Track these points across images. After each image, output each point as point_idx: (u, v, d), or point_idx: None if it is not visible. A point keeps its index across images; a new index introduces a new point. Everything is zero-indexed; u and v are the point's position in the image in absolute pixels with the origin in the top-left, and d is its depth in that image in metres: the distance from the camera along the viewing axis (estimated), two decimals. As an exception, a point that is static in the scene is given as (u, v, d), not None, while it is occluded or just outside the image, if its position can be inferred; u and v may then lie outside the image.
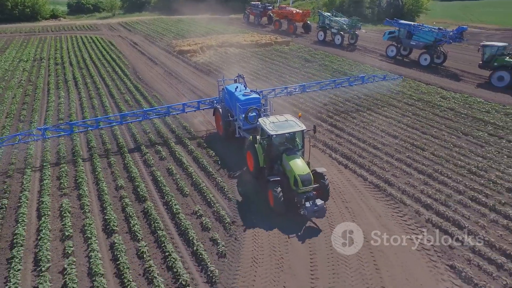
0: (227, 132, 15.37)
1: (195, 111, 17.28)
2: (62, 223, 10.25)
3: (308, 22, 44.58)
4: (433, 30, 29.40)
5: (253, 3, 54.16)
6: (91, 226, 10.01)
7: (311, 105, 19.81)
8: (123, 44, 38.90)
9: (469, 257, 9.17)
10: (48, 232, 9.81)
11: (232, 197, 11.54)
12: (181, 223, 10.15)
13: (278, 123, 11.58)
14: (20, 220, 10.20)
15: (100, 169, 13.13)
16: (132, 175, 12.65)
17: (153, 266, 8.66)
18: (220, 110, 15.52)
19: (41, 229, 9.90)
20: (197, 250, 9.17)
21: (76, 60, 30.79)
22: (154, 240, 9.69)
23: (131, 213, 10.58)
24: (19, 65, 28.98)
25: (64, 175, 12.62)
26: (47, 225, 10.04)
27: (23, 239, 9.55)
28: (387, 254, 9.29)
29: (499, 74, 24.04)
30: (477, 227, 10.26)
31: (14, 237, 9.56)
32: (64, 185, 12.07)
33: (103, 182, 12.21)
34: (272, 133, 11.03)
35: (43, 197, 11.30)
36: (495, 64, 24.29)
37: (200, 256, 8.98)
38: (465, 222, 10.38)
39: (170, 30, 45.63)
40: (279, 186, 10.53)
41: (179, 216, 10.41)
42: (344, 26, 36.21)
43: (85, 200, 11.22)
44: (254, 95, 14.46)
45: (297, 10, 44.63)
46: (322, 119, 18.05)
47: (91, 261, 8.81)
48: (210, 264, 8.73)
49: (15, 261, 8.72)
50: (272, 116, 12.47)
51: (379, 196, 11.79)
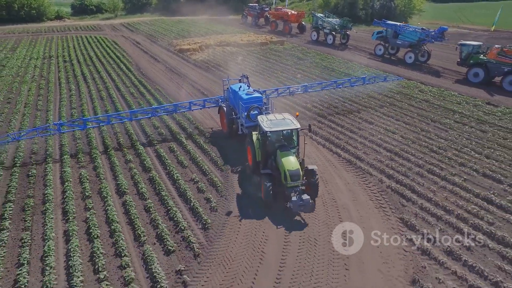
0: (231, 129, 16.01)
1: (201, 109, 18.04)
2: (82, 187, 12.32)
3: (303, 23, 46.68)
4: (417, 30, 31.51)
5: (251, 4, 56.36)
6: (106, 188, 12.11)
7: (305, 100, 21.86)
8: (126, 43, 40.96)
9: (416, 212, 11.22)
10: (71, 193, 11.87)
11: (224, 168, 13.60)
12: (180, 187, 12.23)
13: (275, 121, 12.06)
14: (47, 184, 12.28)
15: (111, 147, 15.19)
16: (139, 152, 14.73)
17: (158, 217, 10.72)
18: (225, 108, 16.14)
19: (65, 190, 11.97)
20: (193, 205, 11.25)
21: (83, 58, 32.85)
22: (158, 199, 11.76)
23: (138, 180, 12.67)
24: (30, 62, 31.04)
25: (80, 152, 14.69)
26: (70, 188, 12.11)
27: (52, 197, 11.61)
28: (350, 211, 11.34)
29: (475, 70, 26.06)
30: (428, 191, 12.30)
31: (45, 196, 11.65)
32: (81, 159, 14.14)
33: (114, 157, 14.28)
34: (267, 129, 11.60)
35: (64, 168, 13.37)
36: (471, 61, 26.29)
37: (196, 210, 11.05)
38: (419, 188, 12.43)
39: (171, 30, 47.69)
40: (270, 179, 11.14)
41: (179, 182, 12.50)
42: (336, 26, 38.29)
43: (100, 170, 13.30)
44: (256, 94, 15.03)
45: (292, 12, 46.73)
46: (307, 108, 20.08)
47: (108, 212, 10.89)
48: (204, 215, 10.79)
49: (48, 212, 10.81)
50: (271, 114, 13.00)
51: (350, 169, 13.85)
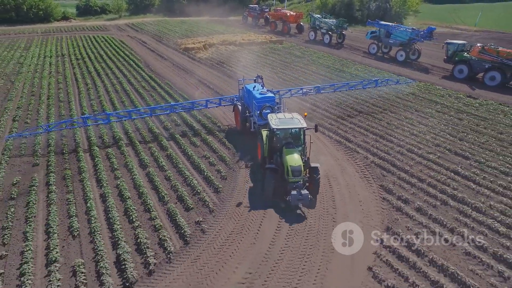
0: (244, 127, 16.72)
1: (216, 107, 18.82)
2: (110, 162, 14.41)
3: (301, 23, 48.86)
4: (408, 30, 33.72)
5: (251, 5, 58.51)
6: (132, 162, 14.22)
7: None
8: (133, 42, 43.04)
9: (394, 181, 13.34)
10: (101, 166, 13.97)
11: (231, 146, 15.71)
12: (194, 161, 14.36)
13: (283, 119, 12.64)
14: (80, 160, 14.42)
15: (131, 131, 17.27)
16: (156, 135, 16.82)
17: (177, 184, 12.83)
18: (239, 106, 16.97)
19: (96, 164, 14.07)
20: (206, 175, 13.38)
21: (93, 55, 34.92)
22: (176, 171, 13.86)
23: (158, 156, 14.77)
24: (45, 60, 33.11)
25: (105, 135, 16.79)
26: (99, 162, 14.22)
27: (86, 169, 13.72)
28: (338, 179, 13.46)
29: (459, 67, 28.24)
30: (405, 165, 14.41)
31: (80, 168, 13.76)
32: (106, 140, 16.24)
33: (134, 139, 16.37)
34: (275, 127, 12.27)
35: (92, 147, 15.48)
36: (456, 59, 28.47)
37: (209, 178, 13.18)
38: (398, 163, 14.56)
39: (175, 31, 49.77)
40: (273, 174, 11.85)
41: (193, 157, 14.63)
42: (332, 26, 40.50)
43: (123, 149, 15.40)
44: (269, 94, 15.71)
45: (291, 13, 48.95)
46: (304, 99, 22.19)
47: (134, 180, 13.00)
48: (216, 182, 12.90)
49: (84, 180, 12.93)
50: (281, 113, 13.59)
51: (340, 148, 15.98)
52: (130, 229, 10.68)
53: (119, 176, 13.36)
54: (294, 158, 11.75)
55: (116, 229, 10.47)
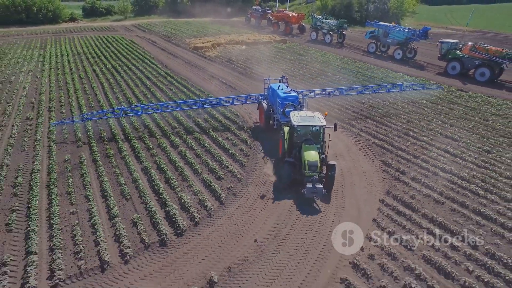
0: (267, 124, 17.38)
1: (242, 104, 19.79)
2: (145, 143, 16.50)
3: (303, 24, 51.09)
4: (405, 30, 36.03)
5: (254, 7, 60.71)
6: (164, 143, 16.30)
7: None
8: (143, 42, 45.05)
9: (393, 157, 15.52)
10: (138, 146, 16.09)
11: (249, 130, 17.83)
12: (219, 142, 16.50)
13: (304, 117, 13.23)
14: (118, 141, 16.56)
15: (159, 120, 19.35)
16: (182, 121, 18.93)
17: (207, 159, 14.95)
18: (264, 104, 17.65)
19: (133, 145, 16.21)
20: (232, 153, 15.52)
21: (108, 54, 36.93)
22: (204, 150, 15.98)
23: (186, 139, 16.89)
24: (63, 58, 35.12)
25: (135, 122, 18.88)
26: (136, 143, 16.33)
27: (125, 149, 15.91)
28: (344, 156, 15.61)
29: (452, 64, 30.52)
30: (402, 145, 16.59)
31: (119, 148, 16.00)
32: (138, 127, 18.33)
33: (163, 125, 18.47)
34: (295, 124, 12.97)
35: (127, 132, 17.58)
36: (449, 56, 30.76)
37: (234, 155, 15.33)
38: (396, 143, 16.75)
39: (181, 31, 51.84)
40: (291, 167, 12.67)
41: (218, 139, 16.76)
42: (333, 27, 42.75)
43: (155, 133, 17.50)
44: (292, 94, 16.46)
45: (293, 14, 51.16)
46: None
47: (170, 157, 15.11)
48: (240, 158, 15.03)
49: (126, 157, 15.15)
50: (303, 111, 14.34)
51: (345, 132, 18.14)
52: (173, 194, 12.76)
53: (155, 154, 15.46)
54: (311, 154, 12.42)
55: (161, 193, 12.57)
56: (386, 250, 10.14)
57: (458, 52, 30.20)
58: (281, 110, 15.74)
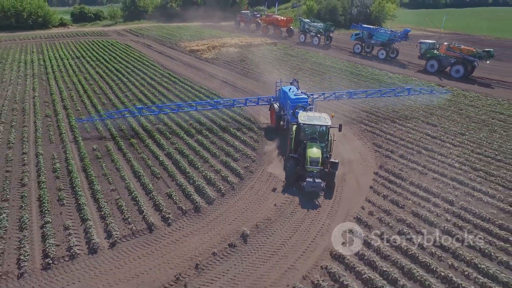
0: (278, 124, 18.29)
1: (254, 105, 20.54)
2: (163, 134, 18.36)
3: (291, 27, 53.73)
4: (387, 32, 39.07)
5: (243, 11, 63.07)
6: (181, 133, 18.20)
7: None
8: (138, 46, 46.47)
9: (383, 140, 17.95)
10: (158, 136, 17.92)
11: (257, 122, 19.94)
12: (230, 131, 18.56)
13: (311, 117, 13.97)
14: (139, 133, 18.32)
15: (174, 116, 21.20)
16: (194, 116, 20.85)
17: (223, 145, 16.96)
18: (275, 105, 18.47)
19: (153, 135, 18.02)
20: (243, 139, 17.60)
21: (107, 57, 38.31)
22: (218, 138, 17.93)
23: (200, 129, 18.86)
24: (64, 62, 36.31)
25: (152, 119, 20.69)
26: (155, 134, 18.16)
27: (146, 138, 17.67)
28: (341, 140, 17.86)
29: (431, 62, 33.55)
30: (390, 130, 19.08)
31: (141, 139, 17.81)
32: (154, 120, 20.14)
33: (176, 118, 20.34)
34: (301, 122, 13.84)
35: (145, 125, 19.40)
36: (428, 55, 33.81)
37: (246, 142, 17.41)
38: (385, 129, 19.23)
39: (174, 35, 53.46)
40: (295, 162, 13.62)
41: (228, 129, 18.81)
42: (320, 29, 45.52)
43: (170, 126, 19.35)
44: (303, 96, 17.31)
45: (282, 17, 53.79)
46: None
47: (188, 144, 17.01)
48: (251, 144, 17.11)
49: (149, 146, 16.91)
50: (311, 112, 15.22)
51: (340, 121, 20.42)
52: (198, 172, 14.70)
53: (174, 142, 17.34)
54: (313, 151, 13.25)
55: (188, 172, 14.50)
56: (382, 208, 12.43)
57: (435, 51, 33.28)
58: (291, 111, 16.45)
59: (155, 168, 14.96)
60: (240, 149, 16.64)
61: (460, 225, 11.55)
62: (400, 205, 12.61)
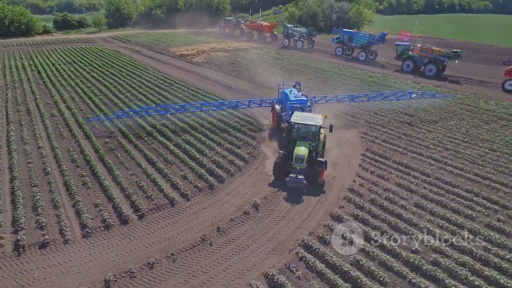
0: (279, 125, 18.95)
1: (258, 107, 21.38)
2: (169, 128, 19.90)
3: (275, 32, 56.22)
4: (366, 35, 42.03)
5: (227, 18, 65.18)
6: (187, 127, 19.78)
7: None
8: (128, 52, 47.46)
9: (367, 128, 20.17)
10: (165, 130, 19.43)
11: (254, 120, 21.81)
12: (231, 124, 20.31)
13: (304, 117, 14.60)
14: (145, 127, 19.77)
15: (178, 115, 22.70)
16: (197, 114, 22.48)
17: (226, 135, 18.69)
18: (277, 107, 19.34)
19: (159, 130, 19.53)
20: (243, 130, 19.41)
21: (100, 62, 39.25)
22: (220, 130, 19.62)
23: (203, 123, 20.50)
24: (56, 67, 36.95)
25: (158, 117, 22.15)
26: (162, 128, 19.67)
27: (154, 132, 19.16)
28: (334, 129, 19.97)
29: (406, 63, 36.54)
30: (374, 120, 21.40)
31: (148, 132, 19.20)
32: (157, 117, 21.62)
33: (179, 115, 21.90)
34: (292, 121, 14.48)
35: (152, 121, 20.86)
36: (404, 56, 36.81)
37: (246, 132, 19.26)
38: (369, 120, 21.47)
39: (162, 41, 54.71)
40: (283, 159, 14.27)
41: (228, 122, 20.55)
42: (303, 34, 48.13)
43: (175, 122, 20.91)
44: (302, 98, 18.06)
45: (266, 23, 56.22)
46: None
47: (194, 136, 18.60)
48: (251, 133, 18.95)
49: (158, 137, 18.40)
50: (305, 113, 15.85)
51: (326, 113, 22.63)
52: (206, 158, 16.35)
53: (181, 135, 18.91)
54: (300, 149, 13.73)
55: (198, 158, 16.15)
56: (371, 181, 14.52)
57: (410, 52, 36.33)
58: (290, 112, 16.86)
59: (167, 155, 16.51)
60: (242, 138, 18.45)
61: (435, 191, 13.76)
62: (386, 178, 14.74)
